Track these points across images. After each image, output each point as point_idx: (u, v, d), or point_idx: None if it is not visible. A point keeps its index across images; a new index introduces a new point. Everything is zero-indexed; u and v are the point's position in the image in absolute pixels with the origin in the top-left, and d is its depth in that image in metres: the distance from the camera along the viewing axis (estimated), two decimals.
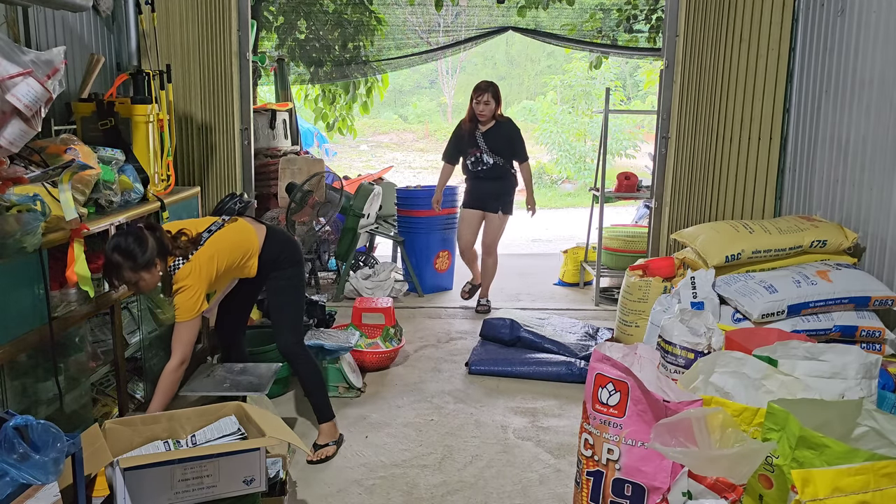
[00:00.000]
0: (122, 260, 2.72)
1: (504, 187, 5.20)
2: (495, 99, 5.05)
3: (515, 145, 5.16)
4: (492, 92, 5.04)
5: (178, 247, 2.89)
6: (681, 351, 2.71)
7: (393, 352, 4.31)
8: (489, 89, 5.02)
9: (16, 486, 1.64)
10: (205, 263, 2.91)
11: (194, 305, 2.86)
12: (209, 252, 2.94)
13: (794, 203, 4.54)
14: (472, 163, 5.18)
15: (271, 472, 2.53)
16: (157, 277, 2.84)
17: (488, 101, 5.01)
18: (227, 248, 3.01)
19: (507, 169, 5.16)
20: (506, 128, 5.15)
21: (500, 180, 5.16)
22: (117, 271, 2.75)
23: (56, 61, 2.22)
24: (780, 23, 4.52)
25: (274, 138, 6.17)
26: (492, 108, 5.04)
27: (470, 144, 5.16)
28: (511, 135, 5.13)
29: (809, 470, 1.72)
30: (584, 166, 15.33)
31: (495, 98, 5.05)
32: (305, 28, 7.27)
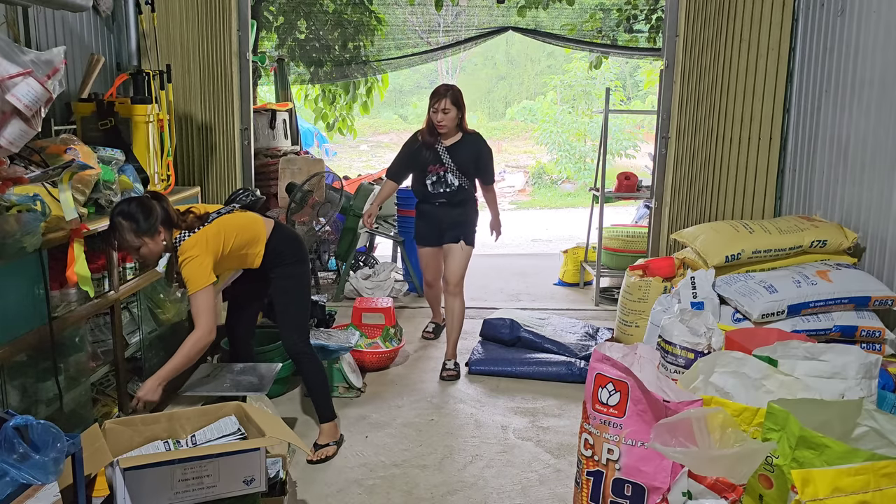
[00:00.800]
0: (126, 223, 2.71)
1: (467, 214, 4.21)
2: (456, 106, 4.05)
3: (483, 164, 4.20)
4: (451, 97, 4.04)
5: (184, 220, 2.89)
6: (681, 351, 2.71)
7: (393, 352, 4.31)
8: (448, 94, 4.03)
9: (16, 486, 1.64)
10: (212, 236, 2.89)
11: (202, 274, 2.82)
12: (216, 228, 2.93)
13: (794, 203, 4.54)
14: (433, 183, 4.14)
15: (271, 472, 2.53)
16: (160, 247, 2.82)
17: (447, 108, 4.00)
18: (235, 229, 3.01)
19: (471, 193, 4.23)
20: (474, 143, 4.18)
21: (463, 206, 4.19)
22: (120, 234, 2.72)
23: (56, 61, 2.22)
24: (780, 23, 4.52)
25: (274, 138, 6.17)
26: (453, 118, 4.05)
27: (431, 160, 4.12)
28: (480, 152, 4.18)
29: (809, 470, 1.72)
30: (584, 166, 15.34)
31: (456, 105, 4.05)
32: (305, 28, 7.27)
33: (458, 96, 4.07)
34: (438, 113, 4.02)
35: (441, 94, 4.02)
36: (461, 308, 4.20)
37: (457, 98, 4.05)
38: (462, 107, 4.10)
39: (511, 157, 18.13)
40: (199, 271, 2.82)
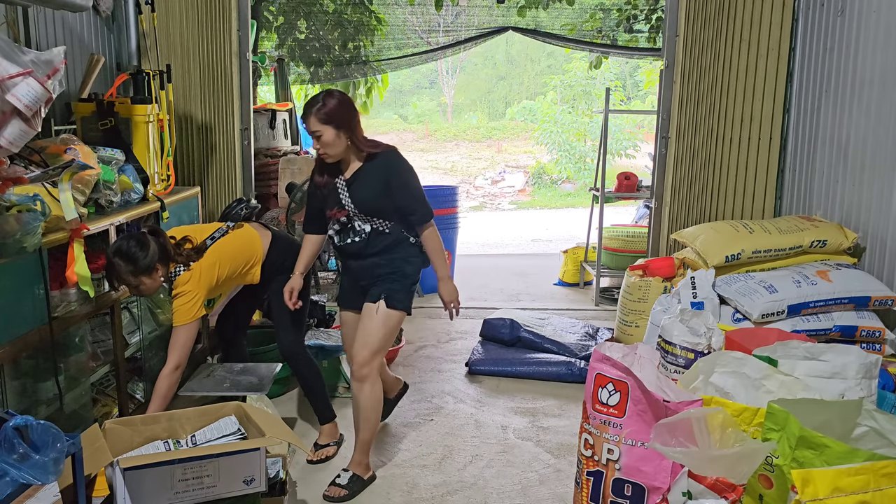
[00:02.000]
0: (123, 264, 2.77)
1: (394, 264, 2.94)
2: (331, 123, 2.76)
3: (400, 195, 2.89)
4: (319, 115, 2.75)
5: (180, 254, 2.93)
6: (681, 351, 2.71)
7: (393, 352, 4.31)
8: (313, 111, 2.76)
9: (16, 486, 1.64)
10: (206, 270, 2.94)
11: (191, 310, 2.88)
12: (211, 259, 2.97)
13: (794, 203, 4.54)
14: (337, 233, 2.97)
15: (271, 472, 2.53)
16: (157, 282, 2.88)
17: (317, 131, 2.76)
18: (230, 256, 3.04)
19: (397, 235, 2.94)
20: (381, 169, 2.87)
21: (388, 253, 2.94)
22: (118, 274, 2.81)
23: (56, 61, 2.22)
24: (780, 23, 4.52)
25: (274, 138, 6.17)
26: (332, 141, 2.77)
27: (330, 204, 2.95)
28: (389, 179, 2.86)
29: (809, 470, 1.72)
30: (584, 166, 15.34)
31: (332, 121, 2.76)
32: (305, 28, 7.27)
33: (331, 111, 2.74)
34: (313, 139, 2.82)
35: (306, 114, 2.79)
36: (370, 399, 2.91)
37: (332, 113, 2.74)
38: (344, 121, 2.77)
39: (511, 157, 18.14)
40: (186, 307, 2.88)
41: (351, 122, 2.80)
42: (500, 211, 14.10)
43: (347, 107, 2.80)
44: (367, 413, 2.93)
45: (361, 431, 2.96)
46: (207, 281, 2.94)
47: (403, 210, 2.92)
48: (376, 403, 2.94)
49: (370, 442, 3.00)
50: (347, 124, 2.78)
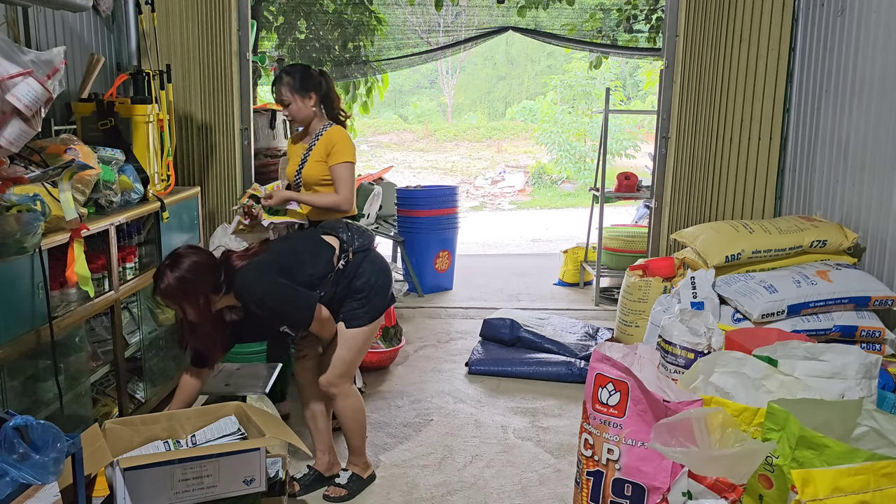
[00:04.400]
0: (288, 76, 3.12)
1: (352, 275, 2.77)
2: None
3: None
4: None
5: (340, 111, 3.23)
6: (681, 351, 2.71)
7: (393, 352, 4.31)
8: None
9: (16, 486, 1.64)
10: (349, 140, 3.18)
11: (350, 150, 3.11)
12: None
13: (794, 203, 4.54)
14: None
15: (271, 472, 2.53)
16: (307, 110, 3.14)
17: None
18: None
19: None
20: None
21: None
22: (279, 81, 3.12)
23: (56, 61, 2.22)
24: (780, 23, 4.52)
25: (274, 138, 6.16)
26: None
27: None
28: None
29: (809, 470, 1.72)
30: (584, 166, 15.34)
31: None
32: (305, 28, 7.27)
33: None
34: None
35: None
36: (346, 410, 2.87)
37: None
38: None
39: (511, 157, 18.14)
40: (347, 147, 3.09)
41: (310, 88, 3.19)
42: (500, 211, 14.10)
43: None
44: (348, 423, 2.90)
45: (349, 439, 2.96)
46: (353, 147, 3.16)
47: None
48: (354, 412, 2.88)
49: (361, 446, 2.98)
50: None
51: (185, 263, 2.48)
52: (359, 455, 2.98)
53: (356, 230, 2.85)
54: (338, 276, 2.72)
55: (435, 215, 5.94)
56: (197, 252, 2.56)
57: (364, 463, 3.00)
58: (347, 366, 2.81)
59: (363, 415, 2.94)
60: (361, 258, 2.79)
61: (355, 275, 2.76)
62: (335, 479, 2.94)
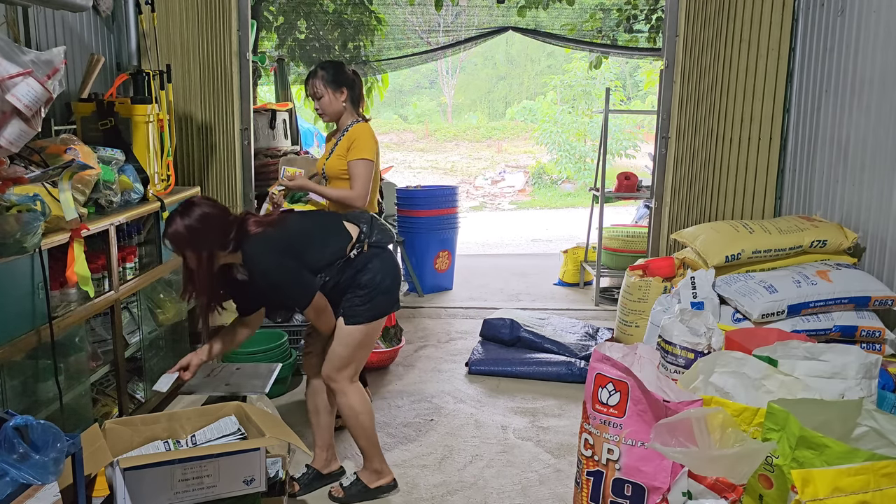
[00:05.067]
0: (322, 70, 3.17)
1: (356, 272, 2.76)
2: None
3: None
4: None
5: (361, 107, 3.30)
6: (681, 351, 2.71)
7: (393, 352, 4.31)
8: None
9: (16, 486, 1.63)
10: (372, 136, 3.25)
11: (370, 147, 3.17)
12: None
13: (794, 203, 4.54)
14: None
15: (271, 472, 2.53)
16: (338, 104, 3.18)
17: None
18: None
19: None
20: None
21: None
22: (313, 75, 3.17)
23: (56, 61, 2.22)
24: (780, 23, 4.52)
25: (274, 138, 6.16)
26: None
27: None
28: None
29: (809, 470, 1.72)
30: (584, 166, 15.34)
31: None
32: (305, 28, 7.27)
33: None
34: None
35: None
36: (346, 408, 2.84)
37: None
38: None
39: (511, 157, 18.14)
40: (366, 144, 3.14)
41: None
42: (500, 211, 14.10)
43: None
44: (349, 423, 2.86)
45: (355, 440, 2.91)
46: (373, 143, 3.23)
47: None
48: (353, 412, 2.82)
49: (369, 448, 2.88)
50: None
51: (196, 213, 2.52)
52: (369, 460, 2.89)
53: (379, 226, 2.85)
54: (346, 264, 2.71)
55: (435, 215, 5.94)
56: (211, 205, 2.58)
57: (375, 471, 2.89)
58: (343, 361, 2.77)
59: (366, 417, 2.85)
60: (374, 254, 2.78)
61: (363, 268, 2.74)
62: (342, 479, 2.91)
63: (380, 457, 2.91)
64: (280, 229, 2.65)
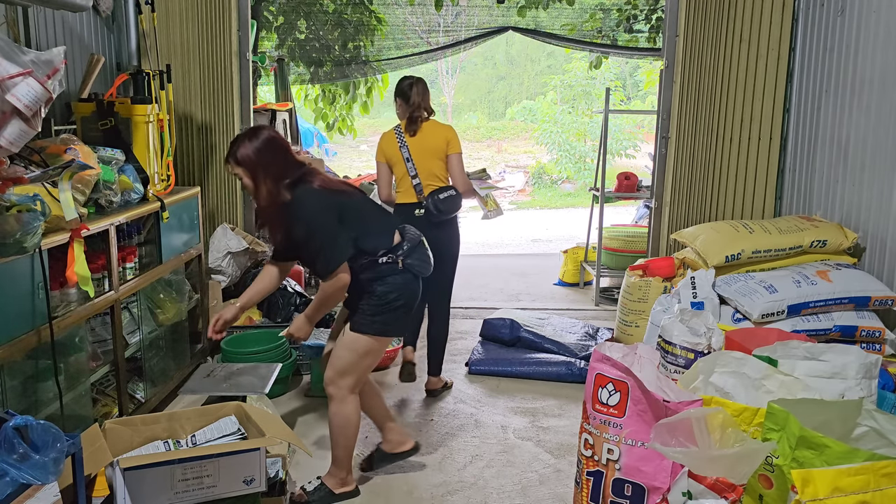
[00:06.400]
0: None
1: (359, 284, 2.77)
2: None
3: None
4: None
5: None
6: (681, 351, 2.71)
7: (393, 352, 4.31)
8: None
9: (16, 486, 1.64)
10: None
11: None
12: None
13: (794, 203, 4.54)
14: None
15: (271, 472, 2.53)
16: (398, 113, 3.90)
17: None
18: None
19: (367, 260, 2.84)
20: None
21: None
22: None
23: (56, 61, 2.22)
24: (780, 23, 4.52)
25: None
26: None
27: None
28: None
29: (809, 470, 1.72)
30: (584, 166, 15.33)
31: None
32: (305, 28, 7.27)
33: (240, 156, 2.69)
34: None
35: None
36: (336, 417, 2.81)
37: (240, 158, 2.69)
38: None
39: (511, 157, 18.13)
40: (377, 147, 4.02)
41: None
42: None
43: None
44: (335, 430, 2.83)
45: (333, 447, 2.87)
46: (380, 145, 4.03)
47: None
48: (344, 422, 2.80)
49: (343, 458, 2.85)
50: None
51: (264, 136, 2.67)
52: (338, 467, 2.86)
53: (422, 253, 2.85)
54: (371, 265, 2.73)
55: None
56: (275, 131, 2.76)
57: (342, 479, 2.87)
58: (345, 366, 2.76)
59: (354, 430, 2.84)
60: (400, 271, 2.76)
61: (382, 279, 2.74)
62: (305, 484, 2.87)
63: (349, 467, 2.90)
64: (339, 195, 2.73)
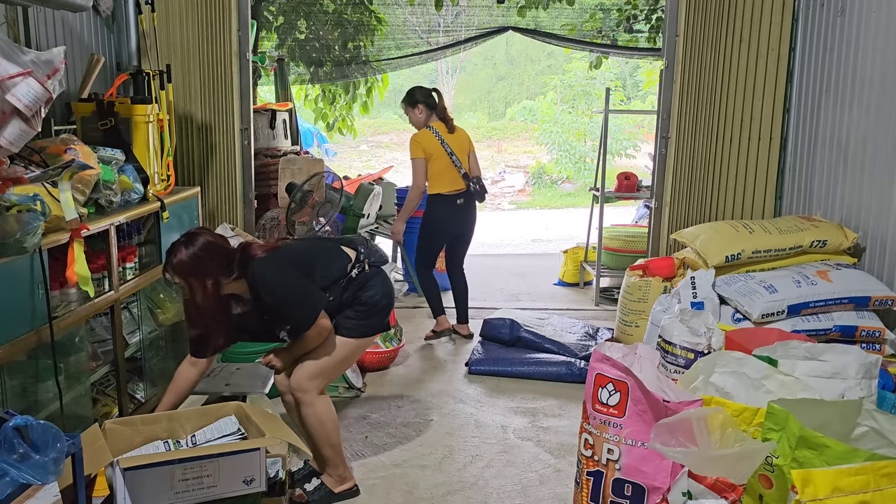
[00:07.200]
0: (406, 96, 4.60)
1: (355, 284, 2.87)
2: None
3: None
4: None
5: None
6: (681, 351, 2.71)
7: (393, 352, 4.31)
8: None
9: (16, 486, 1.63)
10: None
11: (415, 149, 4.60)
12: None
13: (794, 203, 4.54)
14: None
15: (271, 472, 2.53)
16: (415, 119, 4.61)
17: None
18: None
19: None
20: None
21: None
22: (406, 97, 4.58)
23: (56, 61, 2.22)
24: (780, 23, 4.52)
25: (274, 138, 6.17)
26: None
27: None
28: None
29: (809, 470, 1.73)
30: (584, 166, 15.33)
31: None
32: (305, 28, 7.27)
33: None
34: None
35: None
36: (311, 418, 2.80)
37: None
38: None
39: (511, 157, 18.13)
40: (412, 146, 4.59)
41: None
42: (500, 211, 14.09)
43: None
44: (311, 432, 2.81)
45: (320, 449, 2.85)
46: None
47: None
48: (318, 422, 2.78)
49: (333, 456, 2.84)
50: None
51: (200, 241, 2.56)
52: (333, 467, 2.86)
53: (373, 248, 2.98)
54: (349, 283, 2.79)
55: None
56: (212, 234, 2.63)
57: (339, 476, 2.87)
58: (321, 371, 2.76)
59: (332, 426, 2.81)
60: (375, 273, 2.88)
61: (365, 286, 2.82)
62: (305, 484, 2.86)
63: (343, 463, 2.89)
64: (285, 249, 2.73)
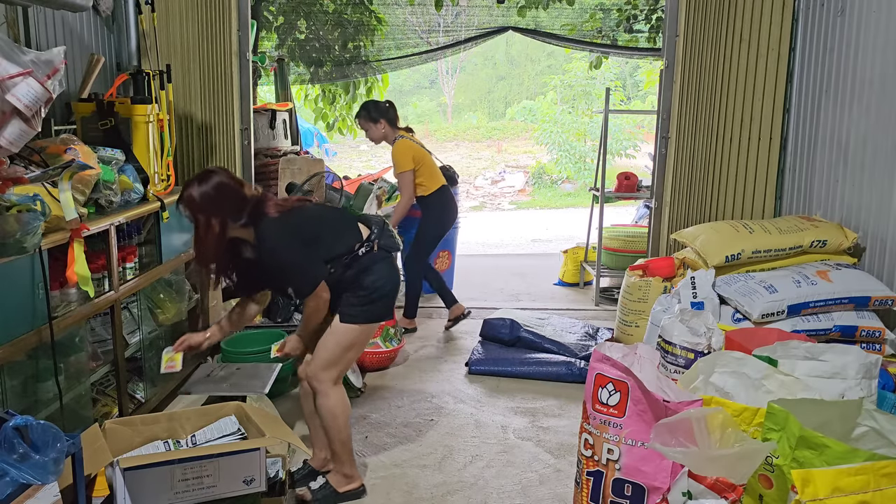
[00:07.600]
0: (363, 110, 4.74)
1: (353, 273, 2.81)
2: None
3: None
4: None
5: (399, 127, 4.78)
6: (681, 351, 2.71)
7: (393, 352, 4.31)
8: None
9: (16, 486, 1.63)
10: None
11: (405, 161, 4.68)
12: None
13: (794, 203, 4.54)
14: None
15: (271, 472, 2.53)
16: (378, 133, 4.77)
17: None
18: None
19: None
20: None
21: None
22: (359, 113, 4.79)
23: (56, 61, 2.22)
24: (780, 23, 4.52)
25: (274, 138, 6.16)
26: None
27: None
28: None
29: (809, 470, 1.72)
30: (584, 166, 15.32)
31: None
32: (305, 28, 7.27)
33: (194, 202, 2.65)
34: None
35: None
36: (323, 409, 2.81)
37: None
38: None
39: (511, 157, 18.13)
40: (401, 159, 4.63)
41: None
42: (500, 211, 14.09)
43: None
44: (328, 423, 2.81)
45: (329, 442, 2.86)
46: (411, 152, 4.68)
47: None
48: (331, 415, 2.78)
49: (343, 452, 2.84)
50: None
51: (214, 181, 2.61)
52: (339, 464, 2.86)
53: (388, 232, 2.89)
54: (353, 260, 2.75)
55: None
56: (228, 174, 2.67)
57: (345, 475, 2.86)
58: (331, 360, 2.76)
59: (344, 420, 2.81)
60: (381, 257, 2.82)
61: (368, 269, 2.77)
62: (310, 482, 2.86)
63: (351, 462, 2.88)
64: (298, 214, 2.73)
